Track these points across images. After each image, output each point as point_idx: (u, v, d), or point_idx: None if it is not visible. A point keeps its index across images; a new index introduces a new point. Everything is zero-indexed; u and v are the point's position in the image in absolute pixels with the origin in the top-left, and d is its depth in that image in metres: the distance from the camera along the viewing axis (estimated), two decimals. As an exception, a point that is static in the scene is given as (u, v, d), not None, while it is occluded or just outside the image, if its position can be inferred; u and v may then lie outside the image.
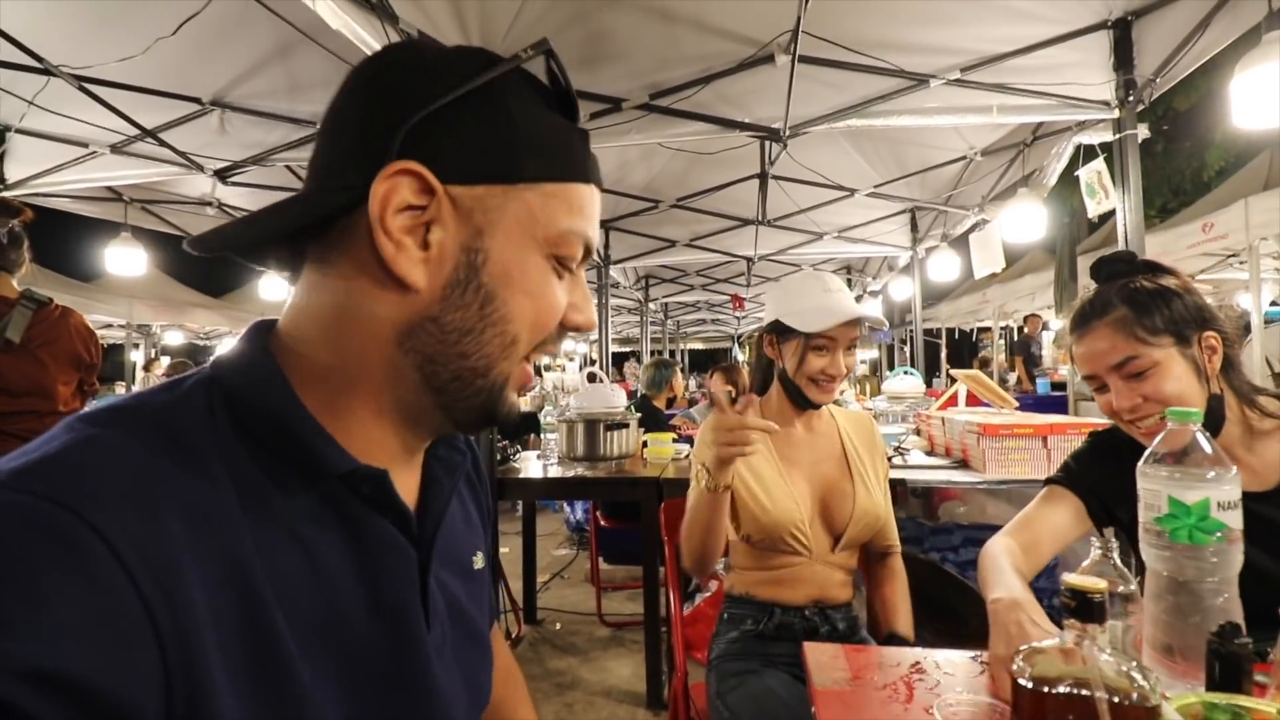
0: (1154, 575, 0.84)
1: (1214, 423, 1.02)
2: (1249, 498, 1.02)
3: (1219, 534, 0.79)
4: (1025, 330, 8.16)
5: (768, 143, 3.19)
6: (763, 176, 3.79)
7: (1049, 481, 1.23)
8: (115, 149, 3.01)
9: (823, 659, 0.95)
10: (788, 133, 2.63)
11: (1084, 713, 0.55)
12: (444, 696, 0.50)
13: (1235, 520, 0.80)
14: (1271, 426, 1.04)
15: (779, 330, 1.40)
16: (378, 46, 1.91)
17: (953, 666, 0.93)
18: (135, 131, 2.80)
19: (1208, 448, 0.82)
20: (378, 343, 0.47)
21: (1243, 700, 0.69)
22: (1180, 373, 1.01)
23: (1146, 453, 0.86)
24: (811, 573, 1.36)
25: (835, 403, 1.49)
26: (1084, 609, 0.58)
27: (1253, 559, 0.94)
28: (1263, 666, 0.76)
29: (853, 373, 1.37)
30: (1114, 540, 0.87)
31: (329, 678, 0.43)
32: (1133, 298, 1.03)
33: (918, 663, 0.94)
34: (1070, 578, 0.60)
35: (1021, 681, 0.60)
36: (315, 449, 0.45)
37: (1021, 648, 0.62)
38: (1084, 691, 0.56)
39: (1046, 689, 0.58)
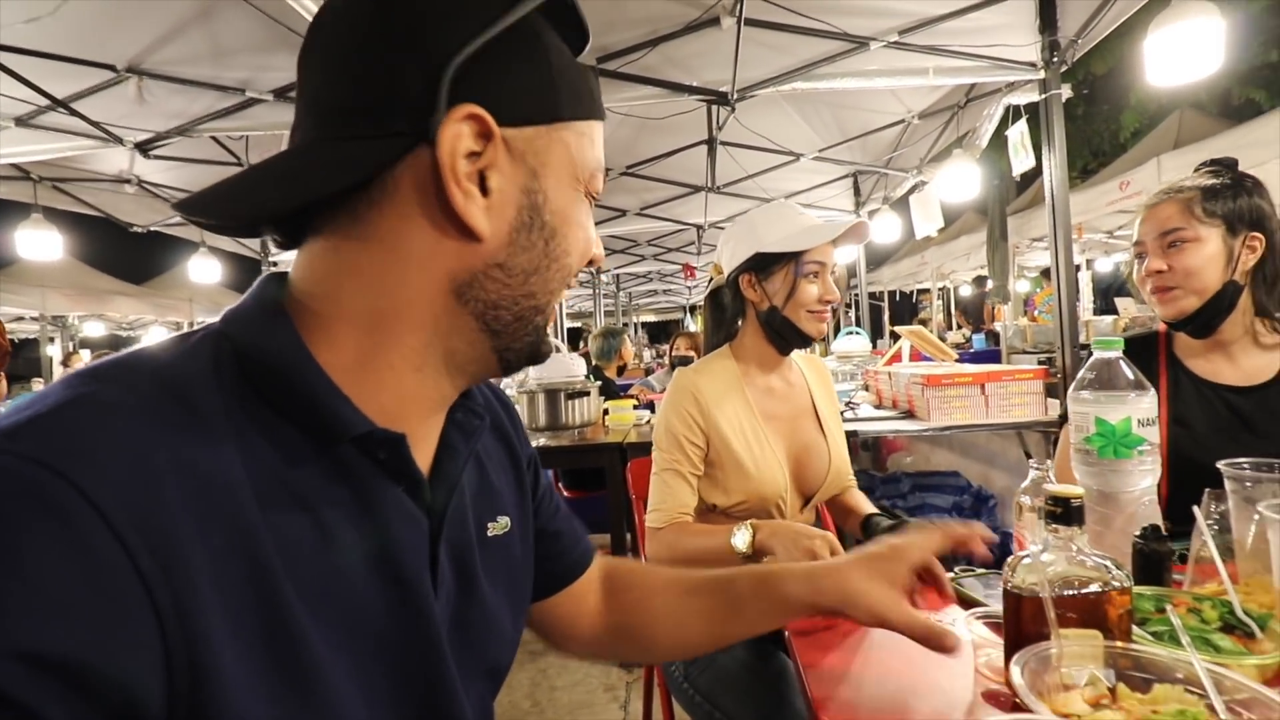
0: (1085, 489, 0.92)
1: (1219, 306, 1.13)
2: (1230, 390, 1.15)
3: (1140, 448, 0.88)
4: (979, 289, 8.56)
5: (715, 108, 3.20)
6: (710, 142, 3.81)
7: (1061, 421, 1.32)
8: (21, 121, 2.79)
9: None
10: (735, 96, 2.65)
11: (1069, 606, 0.62)
12: (452, 667, 0.48)
13: (1153, 435, 0.89)
14: (1271, 343, 1.16)
15: (759, 266, 1.27)
16: (314, 8, 1.82)
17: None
18: (44, 102, 2.59)
19: (1129, 372, 0.90)
20: (429, 296, 0.45)
21: (1165, 590, 0.78)
22: (1211, 254, 1.13)
23: (1075, 380, 0.94)
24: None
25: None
26: (1065, 514, 0.65)
27: (1216, 444, 1.06)
28: (1179, 567, 0.86)
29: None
30: (1049, 462, 0.95)
31: (340, 646, 0.41)
32: (1208, 186, 1.15)
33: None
34: (1051, 486, 0.67)
35: (1010, 588, 0.66)
36: (330, 409, 0.42)
37: (1011, 558, 0.69)
38: (1072, 590, 0.63)
39: (1032, 592, 0.64)
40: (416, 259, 0.44)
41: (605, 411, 2.94)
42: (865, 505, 1.35)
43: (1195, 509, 0.79)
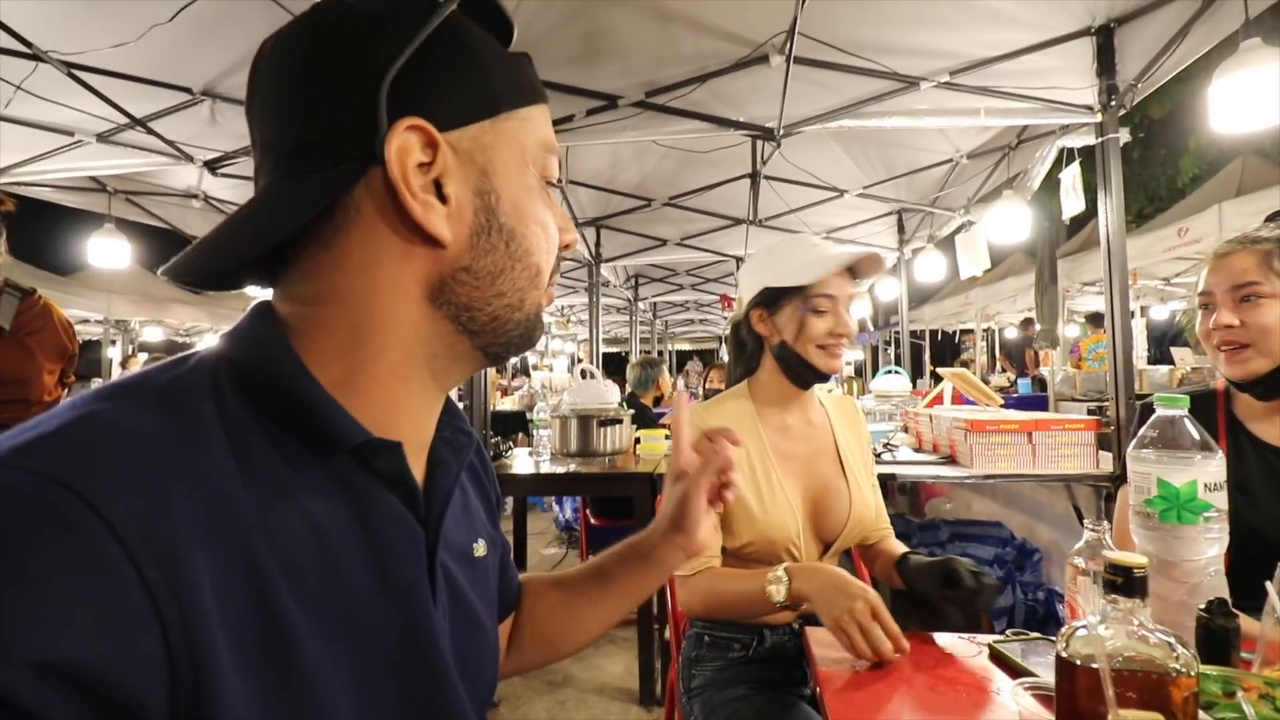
0: (1144, 555, 0.87)
1: None
2: None
3: (1206, 514, 0.82)
4: (1026, 333, 8.36)
5: (759, 142, 3.22)
6: (754, 176, 3.82)
7: (1118, 482, 1.26)
8: (102, 138, 2.96)
9: (825, 640, 0.97)
10: (781, 132, 2.66)
11: (1129, 685, 0.58)
12: (452, 677, 0.49)
13: (1221, 501, 0.83)
14: None
15: (769, 300, 1.26)
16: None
17: (951, 647, 0.95)
18: (123, 120, 2.75)
19: (1195, 433, 0.85)
20: (405, 305, 0.47)
21: (1234, 672, 0.72)
22: None
23: (1135, 437, 0.89)
24: None
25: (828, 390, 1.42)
26: (1127, 584, 0.60)
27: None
28: (1248, 644, 0.79)
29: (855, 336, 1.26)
30: (1105, 522, 0.90)
31: (338, 656, 0.42)
32: None
33: (917, 645, 0.96)
34: (1112, 554, 0.62)
35: (1065, 658, 0.62)
36: (329, 420, 0.44)
37: (1065, 627, 0.65)
38: (1134, 666, 0.58)
39: (1089, 664, 0.60)
40: (387, 273, 0.46)
41: (637, 440, 2.92)
42: (900, 550, 1.26)
43: (1269, 584, 0.74)
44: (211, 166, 3.12)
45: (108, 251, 4.02)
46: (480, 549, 0.60)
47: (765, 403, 1.30)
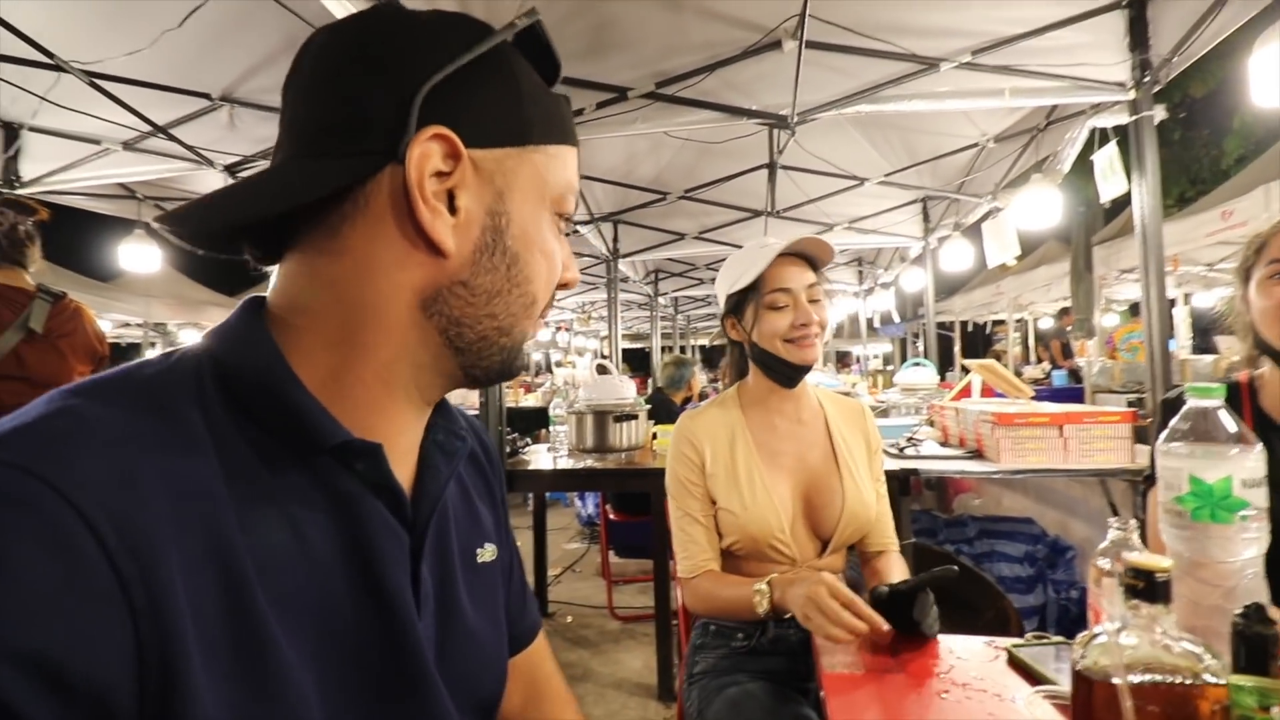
0: (1175, 556, 0.81)
1: None
2: None
3: (1243, 513, 0.76)
4: (1060, 323, 8.14)
5: (776, 131, 3.15)
6: (771, 166, 3.75)
7: (1147, 482, 1.18)
8: (127, 145, 3.03)
9: (834, 643, 0.93)
10: (796, 119, 2.59)
11: (1151, 698, 0.54)
12: (434, 684, 0.48)
13: (1260, 498, 0.77)
14: None
15: (735, 307, 1.30)
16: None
17: (966, 652, 0.91)
18: (146, 128, 2.81)
19: (1231, 424, 0.79)
20: (398, 309, 0.46)
21: (1271, 683, 0.66)
22: None
23: (1166, 430, 0.83)
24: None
25: (845, 393, 1.43)
26: (1149, 589, 0.56)
27: None
28: (1288, 650, 0.73)
29: (826, 327, 1.28)
30: (1133, 521, 0.84)
31: (313, 658, 0.41)
32: None
33: (931, 647, 0.92)
34: (1134, 557, 0.58)
35: (1080, 669, 0.58)
36: (309, 420, 0.43)
37: (1083, 634, 0.60)
38: (1155, 677, 0.54)
39: (1107, 678, 0.55)
40: (385, 271, 0.46)
41: (654, 436, 2.89)
42: (890, 575, 1.24)
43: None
44: (232, 171, 3.17)
45: (140, 256, 4.13)
46: (487, 554, 0.59)
47: (752, 404, 1.33)
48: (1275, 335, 1.04)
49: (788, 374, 1.27)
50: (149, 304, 7.38)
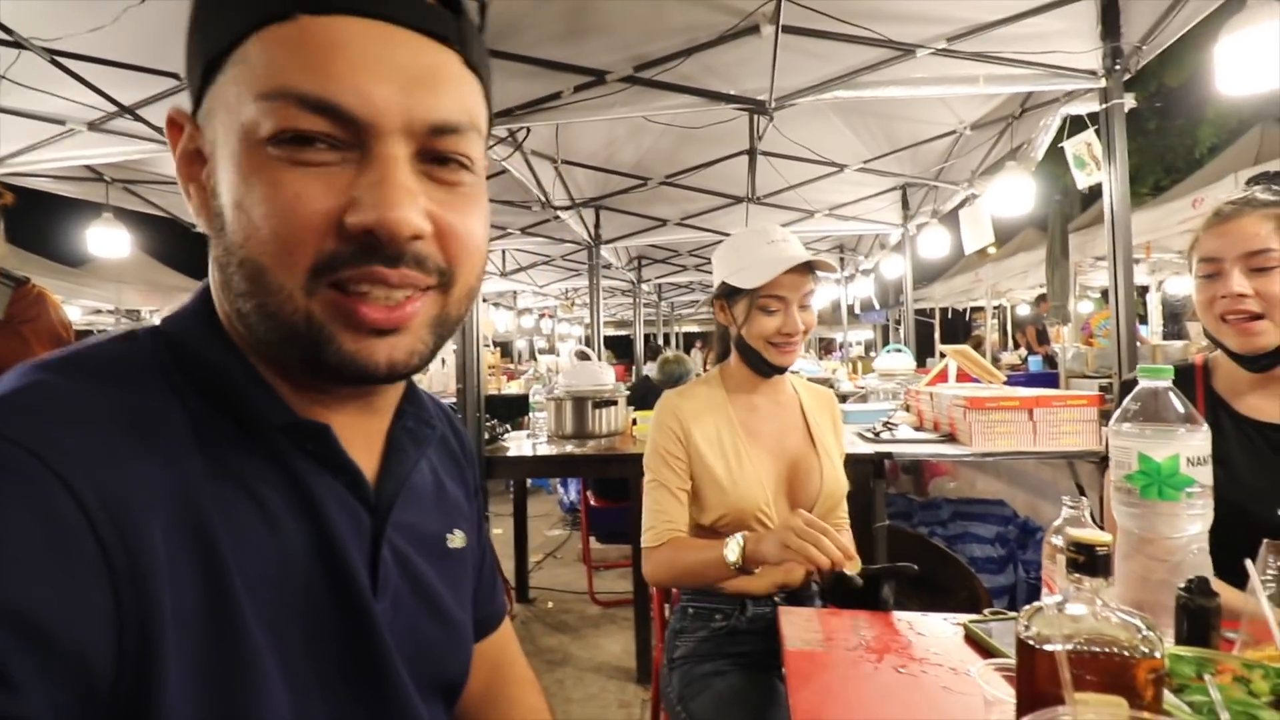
0: (1125, 533, 0.84)
1: None
2: (1275, 429, 1.05)
3: (1189, 490, 0.79)
4: (1037, 310, 8.26)
5: (756, 117, 3.15)
6: (751, 153, 3.75)
7: (1104, 463, 1.21)
8: (93, 126, 2.94)
9: (797, 621, 0.96)
10: (774, 105, 2.59)
11: (1090, 668, 0.55)
12: (391, 663, 0.47)
13: (1205, 476, 0.80)
14: None
15: (727, 293, 1.31)
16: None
17: (926, 628, 0.93)
18: (113, 108, 2.74)
19: (1179, 405, 0.82)
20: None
21: (1208, 653, 0.69)
22: None
23: (1117, 411, 0.85)
24: None
25: (824, 380, 1.45)
26: (1089, 563, 0.58)
27: (1260, 487, 0.95)
28: (1231, 623, 0.76)
29: (812, 329, 1.31)
30: (1084, 498, 0.87)
31: (275, 632, 0.41)
32: None
33: (891, 624, 0.94)
34: (1074, 531, 0.60)
35: (1024, 638, 0.59)
36: (252, 400, 0.43)
37: (1028, 607, 0.62)
38: (1094, 648, 0.56)
39: (1047, 646, 0.57)
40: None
41: (634, 421, 2.90)
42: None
43: (1248, 563, 0.70)
44: (202, 153, 3.10)
45: (107, 241, 4.03)
46: (457, 540, 0.58)
47: (735, 385, 1.36)
48: (1212, 327, 1.09)
49: (764, 369, 1.30)
50: (120, 290, 7.20)
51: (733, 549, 1.09)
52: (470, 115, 0.43)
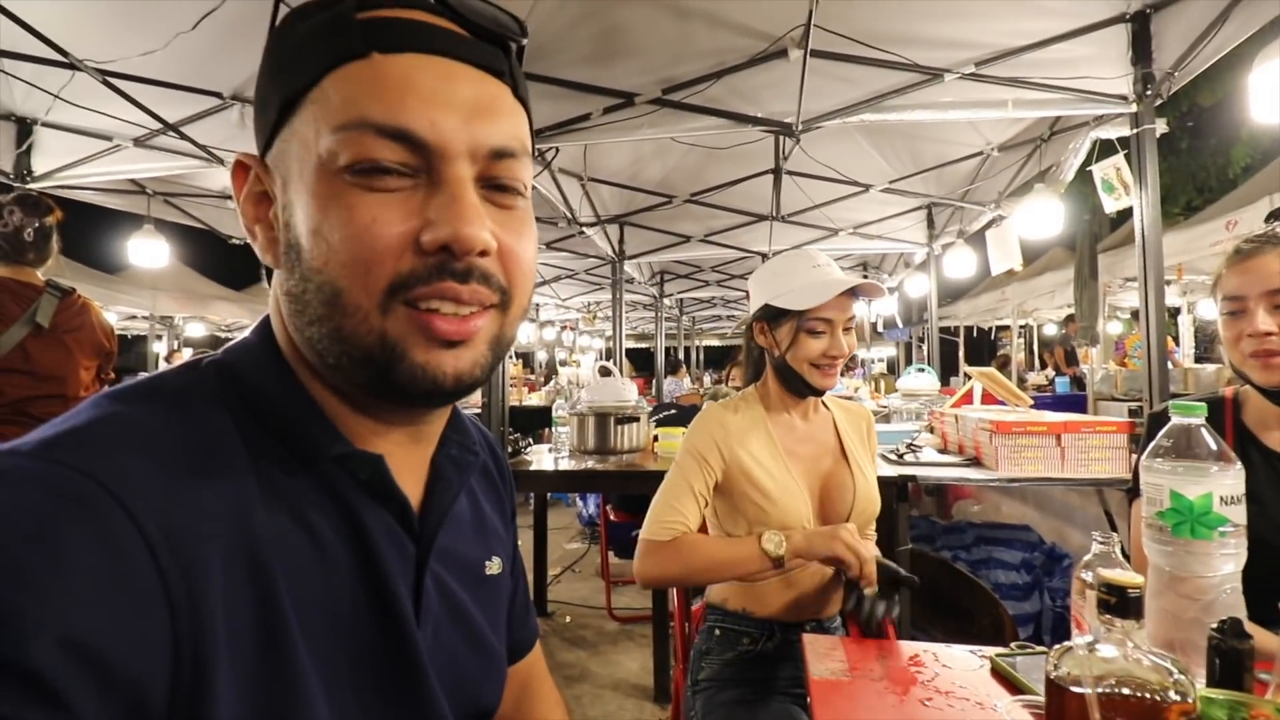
0: (1156, 570, 0.83)
1: None
2: None
3: (1222, 529, 0.78)
4: (1065, 330, 8.12)
5: (781, 138, 3.17)
6: (777, 172, 3.77)
7: (1130, 495, 1.21)
8: (138, 142, 3.07)
9: (820, 649, 0.96)
10: (800, 127, 2.61)
11: (1121, 711, 0.55)
12: (433, 694, 0.48)
13: (1239, 515, 0.79)
14: None
15: (769, 315, 1.31)
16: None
17: (951, 659, 0.93)
18: (158, 125, 2.84)
19: (1212, 443, 0.81)
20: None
21: (1241, 696, 0.68)
22: None
23: (1150, 446, 0.85)
24: (809, 576, 1.26)
25: (849, 398, 1.46)
26: (1121, 605, 0.58)
27: None
28: (1265, 664, 0.75)
29: (853, 353, 1.33)
30: (1115, 534, 0.86)
31: (322, 660, 0.42)
32: None
33: (916, 656, 0.94)
34: (1107, 573, 0.60)
35: (1054, 678, 0.60)
36: (308, 430, 0.45)
37: (1058, 646, 0.62)
38: (1125, 690, 0.56)
39: (1078, 688, 0.57)
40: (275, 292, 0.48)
41: (655, 438, 2.91)
42: None
43: (1284, 604, 0.70)
44: (241, 169, 3.19)
45: (148, 251, 4.15)
46: (494, 567, 0.59)
47: (772, 405, 1.36)
48: (1238, 363, 1.09)
49: (804, 392, 1.31)
50: (156, 297, 7.42)
51: (773, 540, 1.13)
52: (522, 142, 0.46)
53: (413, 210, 0.42)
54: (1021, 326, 9.76)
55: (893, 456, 2.46)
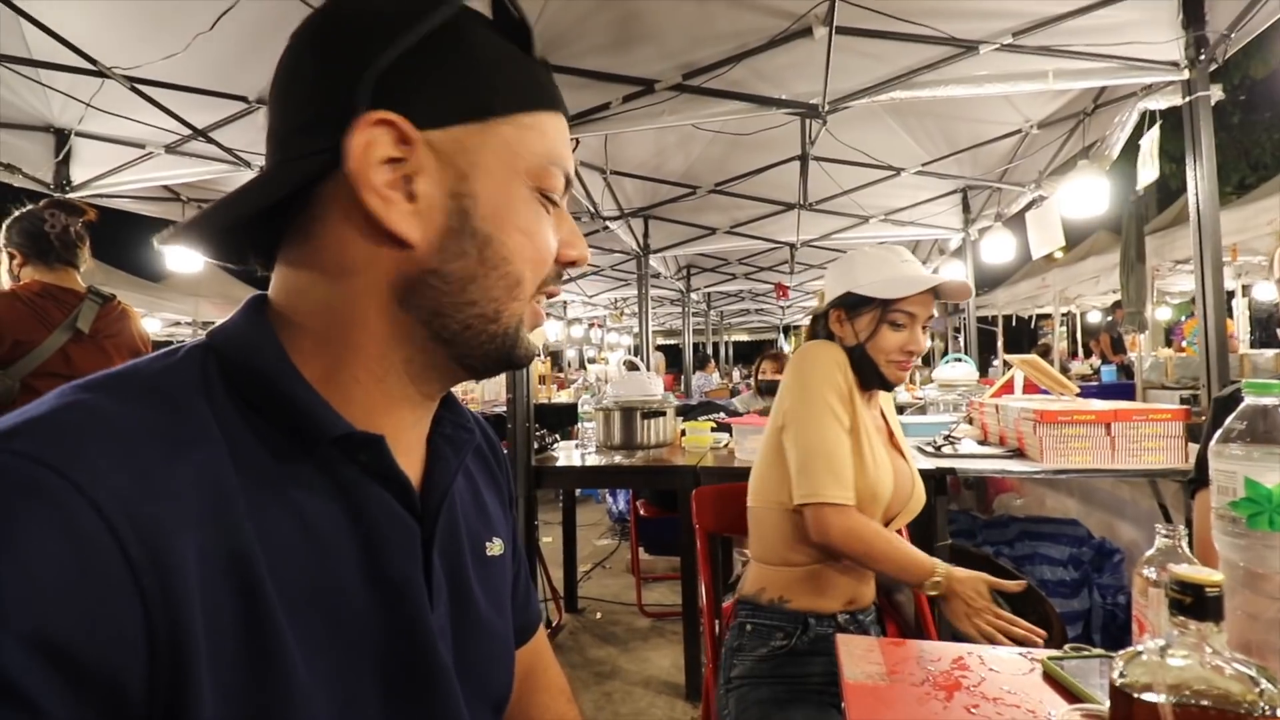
0: (1229, 566, 0.76)
1: None
2: None
3: (1305, 520, 0.70)
4: (1112, 317, 7.82)
5: (808, 122, 3.09)
6: (803, 158, 3.67)
7: (1191, 486, 1.13)
8: (170, 149, 3.13)
9: (856, 651, 0.90)
10: (827, 108, 2.53)
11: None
12: (448, 678, 0.47)
13: (1325, 505, 0.71)
14: None
15: (849, 304, 1.30)
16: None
17: (999, 663, 0.86)
18: (187, 131, 2.89)
19: (1293, 424, 0.73)
20: (377, 305, 0.46)
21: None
22: None
23: (1219, 430, 0.77)
24: (848, 566, 1.24)
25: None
26: (1198, 605, 0.51)
27: None
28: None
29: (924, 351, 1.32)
30: (1182, 528, 0.79)
31: (321, 651, 0.41)
32: None
33: (960, 658, 0.88)
34: (1180, 570, 0.53)
35: (1120, 686, 0.53)
36: (309, 411, 0.44)
37: (1124, 651, 0.56)
38: (1204, 701, 0.50)
39: (1147, 696, 0.51)
40: (357, 270, 0.46)
41: (683, 433, 2.87)
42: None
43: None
44: (269, 171, 3.24)
45: (185, 256, 4.26)
46: (495, 548, 0.59)
47: None
48: None
49: (875, 383, 1.30)
50: (197, 303, 7.64)
51: (939, 581, 1.12)
52: None
53: (553, 229, 0.52)
54: (1064, 314, 9.42)
55: (930, 449, 2.37)
